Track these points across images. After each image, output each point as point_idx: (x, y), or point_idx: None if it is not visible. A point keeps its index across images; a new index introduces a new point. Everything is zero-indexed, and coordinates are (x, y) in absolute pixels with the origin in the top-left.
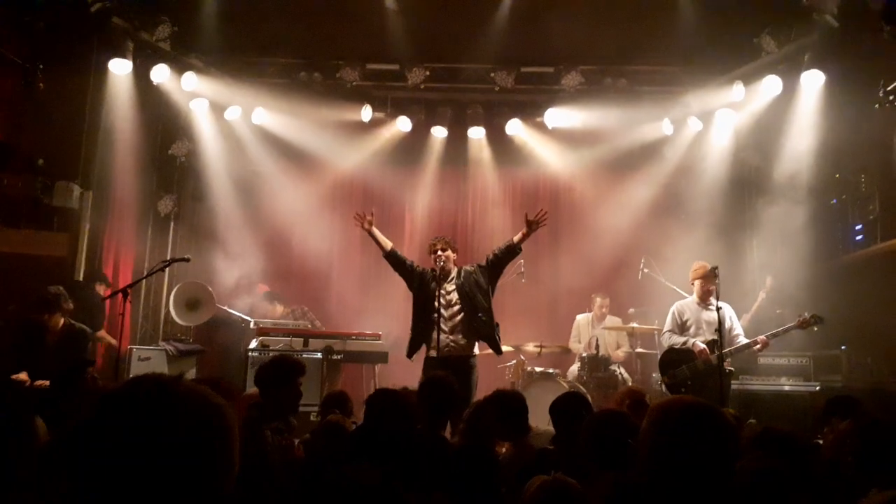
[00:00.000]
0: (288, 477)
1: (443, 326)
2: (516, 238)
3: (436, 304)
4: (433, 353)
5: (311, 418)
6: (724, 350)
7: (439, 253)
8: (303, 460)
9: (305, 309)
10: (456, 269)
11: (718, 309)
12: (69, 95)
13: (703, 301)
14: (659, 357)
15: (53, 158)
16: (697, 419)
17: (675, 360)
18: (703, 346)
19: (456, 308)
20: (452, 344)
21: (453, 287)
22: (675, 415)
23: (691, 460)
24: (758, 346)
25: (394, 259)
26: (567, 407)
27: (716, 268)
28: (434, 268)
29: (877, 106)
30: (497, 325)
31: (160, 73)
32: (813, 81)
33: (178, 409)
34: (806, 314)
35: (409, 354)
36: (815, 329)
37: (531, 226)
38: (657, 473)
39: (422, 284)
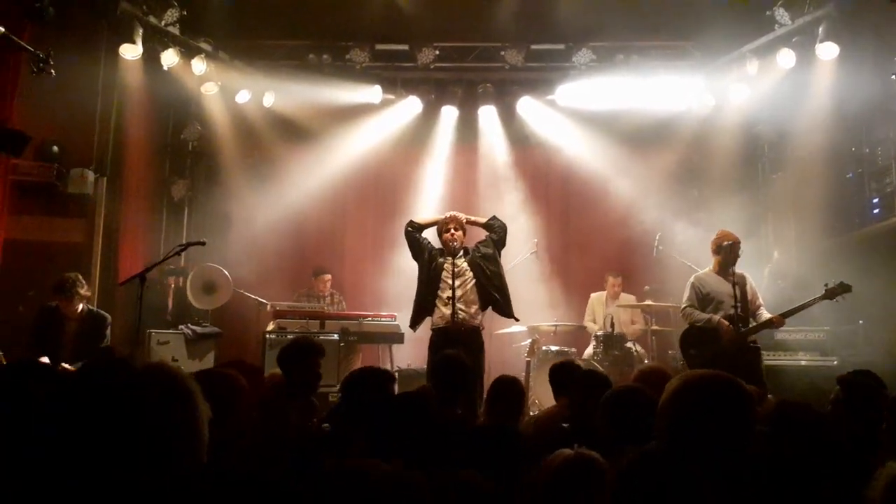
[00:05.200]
0: (310, 455)
1: (454, 296)
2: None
3: (444, 274)
4: (441, 324)
5: (330, 399)
6: (748, 328)
7: (452, 232)
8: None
9: (339, 295)
10: (463, 248)
11: (734, 284)
12: (80, 82)
13: (723, 272)
14: (680, 334)
15: (67, 145)
16: (716, 391)
17: (697, 338)
18: (728, 324)
19: (467, 276)
20: (462, 314)
21: (463, 261)
22: (694, 387)
23: (710, 432)
24: (773, 325)
25: (418, 235)
26: (585, 382)
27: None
28: (443, 247)
29: (893, 77)
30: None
31: (169, 58)
32: (827, 54)
33: (134, 384)
34: (832, 282)
35: (414, 325)
36: (843, 298)
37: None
38: (675, 444)
39: (431, 258)
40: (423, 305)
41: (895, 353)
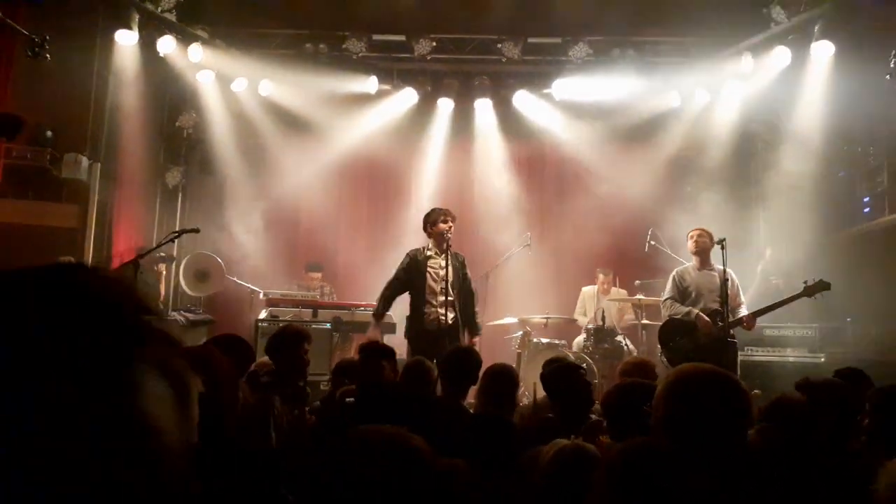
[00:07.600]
0: (297, 442)
1: (445, 300)
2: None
3: (438, 275)
4: (428, 326)
5: (322, 387)
6: (724, 323)
7: (451, 224)
8: (313, 426)
9: (331, 289)
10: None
11: (725, 281)
12: (75, 67)
13: (703, 265)
14: (659, 327)
15: (61, 130)
16: (713, 386)
17: (675, 331)
18: (706, 318)
19: (451, 281)
20: (451, 313)
21: (447, 263)
22: (691, 381)
23: (707, 426)
24: (743, 325)
25: (398, 295)
26: (558, 376)
27: (723, 240)
28: (433, 241)
29: (888, 77)
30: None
31: (166, 45)
32: (823, 52)
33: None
34: (811, 280)
35: (409, 335)
36: (822, 296)
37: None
38: (673, 438)
39: (416, 264)
40: (416, 312)
41: (882, 350)
